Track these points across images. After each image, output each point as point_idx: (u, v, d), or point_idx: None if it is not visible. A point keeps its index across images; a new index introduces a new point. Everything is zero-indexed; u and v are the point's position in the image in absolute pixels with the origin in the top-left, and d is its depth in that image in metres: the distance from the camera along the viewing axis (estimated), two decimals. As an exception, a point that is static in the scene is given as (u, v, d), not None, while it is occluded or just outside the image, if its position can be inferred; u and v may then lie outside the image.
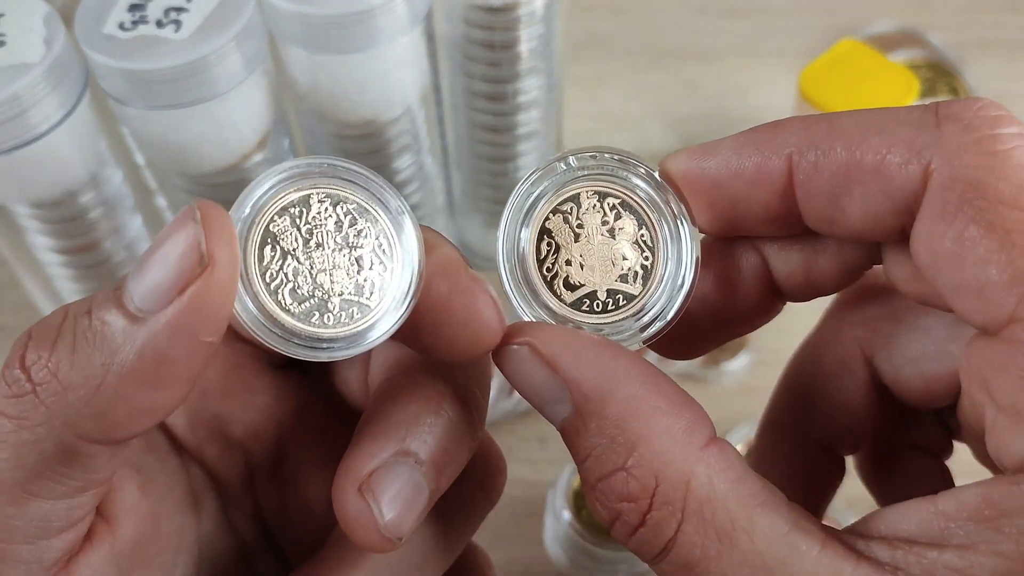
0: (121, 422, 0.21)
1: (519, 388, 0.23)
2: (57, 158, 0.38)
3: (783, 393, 0.31)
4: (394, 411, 0.24)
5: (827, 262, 0.26)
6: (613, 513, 0.22)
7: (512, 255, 0.25)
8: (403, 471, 0.23)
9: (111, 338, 0.20)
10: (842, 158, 0.23)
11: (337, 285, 0.23)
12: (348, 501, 0.23)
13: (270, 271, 0.23)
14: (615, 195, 0.25)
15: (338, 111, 0.44)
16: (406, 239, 0.23)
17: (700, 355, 0.28)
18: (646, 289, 0.25)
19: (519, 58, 0.46)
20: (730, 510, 0.21)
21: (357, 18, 0.39)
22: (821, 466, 0.30)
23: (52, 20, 0.37)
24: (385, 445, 0.23)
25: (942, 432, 0.31)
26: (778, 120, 0.24)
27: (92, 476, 0.22)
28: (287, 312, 0.23)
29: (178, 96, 0.37)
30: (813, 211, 0.24)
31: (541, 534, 0.50)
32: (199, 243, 0.20)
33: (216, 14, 0.37)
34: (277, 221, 0.23)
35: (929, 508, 0.21)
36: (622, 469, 0.21)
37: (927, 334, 0.28)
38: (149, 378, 0.20)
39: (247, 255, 0.22)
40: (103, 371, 0.20)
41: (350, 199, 0.23)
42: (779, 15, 0.74)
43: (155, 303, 0.20)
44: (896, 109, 0.23)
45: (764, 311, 0.27)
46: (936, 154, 0.21)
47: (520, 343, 0.23)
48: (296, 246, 0.23)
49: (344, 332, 0.23)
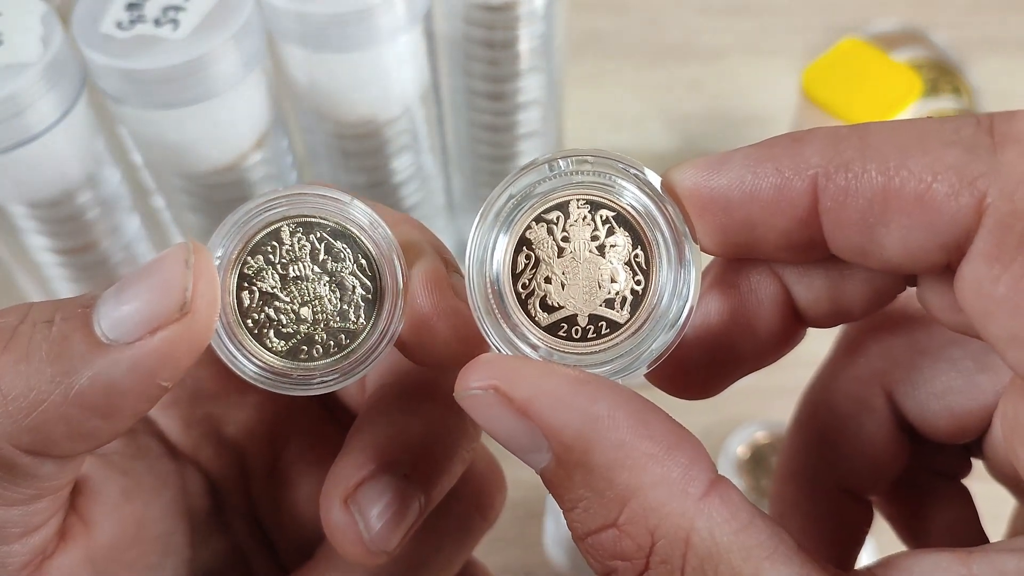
0: (58, 441, 0.20)
1: (489, 434, 0.21)
2: (54, 158, 0.38)
3: (798, 438, 0.28)
4: (385, 421, 0.23)
5: (856, 288, 0.23)
6: (606, 568, 0.20)
7: (483, 266, 0.22)
8: (392, 484, 0.22)
9: (68, 357, 0.19)
10: (877, 183, 0.19)
11: (321, 315, 0.22)
12: (334, 512, 0.22)
13: (252, 315, 0.22)
14: (609, 207, 0.22)
15: (337, 110, 0.44)
16: (384, 252, 0.22)
17: (715, 394, 0.25)
18: (634, 318, 0.22)
19: (519, 57, 0.46)
20: (735, 565, 0.19)
21: (356, 16, 0.39)
22: (847, 513, 0.28)
23: (49, 19, 0.36)
24: (374, 456, 0.23)
25: (962, 455, 0.28)
26: (799, 132, 0.21)
27: (43, 484, 0.21)
28: (274, 354, 0.22)
29: (176, 95, 0.37)
30: (842, 241, 0.21)
31: (541, 537, 0.50)
32: (185, 288, 0.19)
33: (214, 13, 0.37)
34: (250, 262, 0.22)
35: (961, 570, 0.19)
36: (613, 526, 0.19)
37: (954, 366, 0.25)
38: (96, 406, 0.19)
39: (225, 303, 0.22)
40: (51, 388, 0.19)
41: (323, 223, 0.22)
42: (781, 14, 0.74)
43: (124, 335, 0.19)
44: (939, 123, 0.20)
45: (786, 341, 0.24)
46: (993, 184, 0.18)
47: (484, 386, 0.20)
48: (275, 284, 0.22)
49: (334, 362, 0.22)
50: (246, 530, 0.28)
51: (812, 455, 0.28)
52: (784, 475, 0.29)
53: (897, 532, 0.30)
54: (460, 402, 0.21)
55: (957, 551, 0.19)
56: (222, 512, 0.28)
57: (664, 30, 0.73)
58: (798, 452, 0.28)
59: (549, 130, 0.52)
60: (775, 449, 0.52)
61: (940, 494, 0.28)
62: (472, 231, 0.22)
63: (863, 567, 0.20)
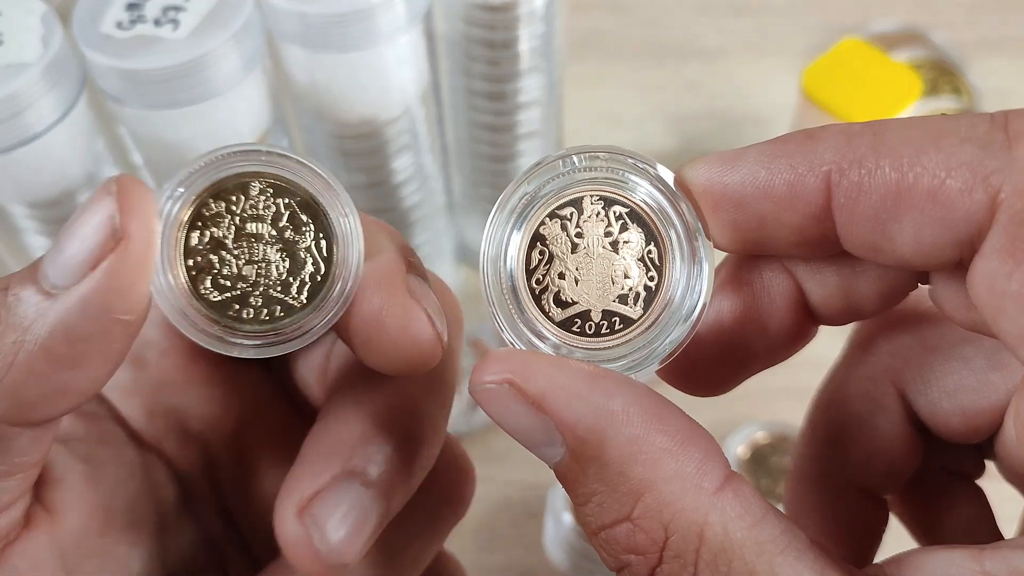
0: (35, 403, 0.20)
1: (503, 428, 0.21)
2: (54, 158, 0.38)
3: (811, 437, 0.28)
4: (342, 426, 0.23)
5: (868, 285, 0.23)
6: (619, 563, 0.20)
7: (497, 262, 0.22)
8: (349, 493, 0.22)
9: (23, 315, 0.19)
10: (891, 179, 0.20)
11: (263, 279, 0.22)
12: (287, 525, 0.21)
13: (195, 256, 0.22)
14: (623, 203, 0.22)
15: (337, 110, 0.44)
16: (346, 241, 0.22)
17: (726, 391, 0.25)
18: (647, 314, 0.22)
19: (519, 57, 0.46)
20: (748, 560, 0.19)
21: (356, 16, 0.39)
22: (863, 513, 0.28)
23: (49, 19, 0.36)
24: (329, 464, 0.22)
25: (975, 455, 0.28)
26: (812, 129, 0.21)
27: (15, 460, 0.21)
28: (203, 300, 0.22)
29: (176, 96, 0.37)
30: (854, 237, 0.21)
31: (541, 537, 0.50)
32: (112, 217, 0.19)
33: (214, 13, 0.37)
34: (211, 205, 0.22)
35: (974, 566, 0.19)
36: (627, 520, 0.19)
37: (966, 364, 0.25)
38: (62, 356, 0.20)
39: (171, 235, 0.21)
40: (14, 348, 0.19)
41: (295, 192, 0.22)
42: (781, 14, 0.74)
43: (68, 279, 0.19)
44: (953, 120, 0.20)
45: (798, 338, 0.24)
46: (1007, 180, 0.19)
47: (499, 380, 0.20)
48: (228, 234, 0.22)
49: (260, 330, 0.22)
50: (218, 522, 0.28)
51: (826, 454, 0.28)
52: (798, 475, 0.29)
53: (912, 533, 0.29)
54: (474, 396, 0.21)
55: (970, 548, 0.19)
56: (190, 503, 0.27)
57: (664, 30, 0.73)
58: (812, 451, 0.28)
59: (549, 130, 0.52)
60: (775, 449, 0.52)
61: (955, 495, 0.28)
62: (486, 227, 0.22)
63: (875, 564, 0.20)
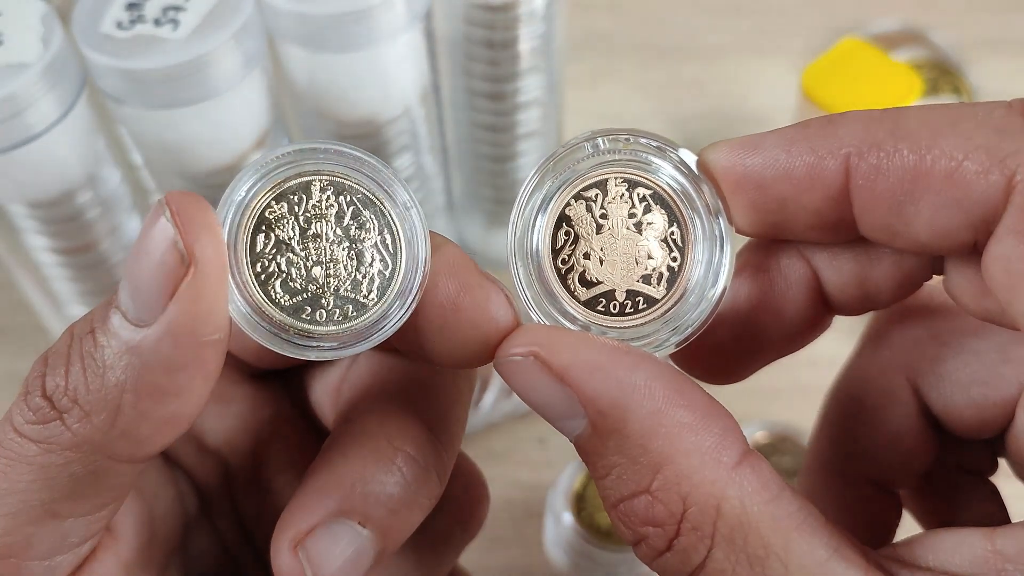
0: (149, 437, 0.20)
1: (527, 401, 0.21)
2: (54, 158, 0.38)
3: (825, 432, 0.29)
4: (344, 460, 0.22)
5: (884, 273, 0.23)
6: (637, 536, 0.20)
7: (524, 243, 0.22)
8: (344, 533, 0.21)
9: (118, 357, 0.19)
10: (909, 162, 0.20)
11: (333, 280, 0.22)
12: (282, 557, 0.21)
13: (262, 260, 0.21)
14: (647, 185, 0.22)
15: (337, 110, 0.44)
16: (412, 234, 0.22)
17: (741, 379, 0.25)
18: (670, 294, 0.22)
19: (519, 57, 0.46)
20: (763, 535, 0.19)
21: (356, 17, 0.39)
22: (877, 506, 0.28)
23: (49, 19, 0.36)
24: (328, 500, 0.22)
25: (989, 452, 0.28)
26: (833, 114, 0.22)
27: (115, 492, 0.21)
28: (276, 305, 0.21)
29: (176, 95, 0.37)
30: (871, 220, 0.21)
31: (541, 537, 0.49)
32: (176, 242, 0.19)
33: (214, 13, 0.37)
34: (274, 207, 0.21)
35: (985, 544, 0.19)
36: (646, 492, 0.20)
37: (978, 357, 0.25)
38: (162, 388, 0.20)
39: (237, 242, 0.21)
40: (118, 391, 0.19)
41: (355, 188, 0.22)
42: (781, 13, 0.74)
43: (148, 312, 0.19)
44: (971, 106, 0.20)
45: (813, 326, 0.24)
46: (1023, 163, 0.19)
47: (525, 353, 0.20)
48: (292, 235, 0.21)
49: (336, 331, 0.21)
50: (235, 534, 0.28)
51: (840, 447, 0.28)
52: (813, 467, 0.29)
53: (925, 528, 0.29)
54: (499, 368, 0.21)
55: (982, 528, 0.19)
56: (209, 514, 0.28)
57: (664, 30, 0.73)
58: (826, 444, 0.29)
59: (549, 130, 0.52)
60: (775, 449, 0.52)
61: (969, 492, 0.28)
62: (514, 208, 0.22)
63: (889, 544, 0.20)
